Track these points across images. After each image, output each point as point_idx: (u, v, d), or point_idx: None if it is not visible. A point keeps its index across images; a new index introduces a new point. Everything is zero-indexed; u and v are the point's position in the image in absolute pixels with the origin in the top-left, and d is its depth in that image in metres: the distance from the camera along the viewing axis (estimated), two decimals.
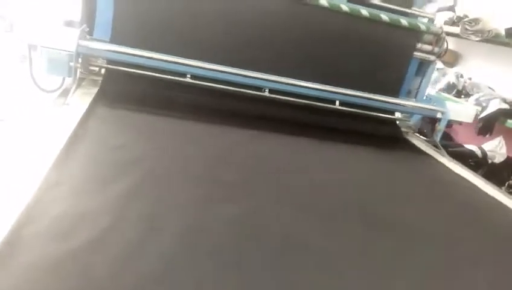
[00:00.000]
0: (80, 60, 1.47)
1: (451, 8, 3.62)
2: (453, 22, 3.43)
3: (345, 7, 1.79)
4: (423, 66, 2.06)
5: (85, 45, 1.46)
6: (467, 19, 3.18)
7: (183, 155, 1.22)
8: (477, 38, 3.09)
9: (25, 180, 0.84)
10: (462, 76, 3.36)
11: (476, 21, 3.07)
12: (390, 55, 1.96)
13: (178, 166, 1.14)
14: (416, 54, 2.00)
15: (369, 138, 1.81)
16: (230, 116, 1.61)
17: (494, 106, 2.84)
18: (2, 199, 0.77)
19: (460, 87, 3.29)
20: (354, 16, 1.81)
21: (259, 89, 1.69)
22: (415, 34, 1.97)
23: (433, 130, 2.71)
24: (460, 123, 2.01)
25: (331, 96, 1.78)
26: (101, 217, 0.80)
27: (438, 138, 1.88)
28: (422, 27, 1.94)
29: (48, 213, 0.77)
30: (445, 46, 2.01)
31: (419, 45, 2.00)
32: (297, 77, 1.74)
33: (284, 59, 1.80)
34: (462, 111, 1.94)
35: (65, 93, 1.48)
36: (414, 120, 2.06)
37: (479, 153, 2.83)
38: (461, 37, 3.27)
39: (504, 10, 3.11)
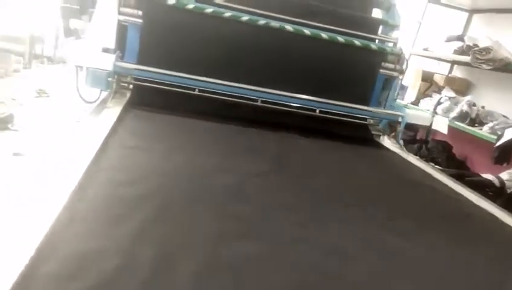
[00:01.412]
0: (115, 77, 1.94)
1: (460, 38, 3.70)
2: (462, 51, 3.44)
3: (324, 35, 2.26)
4: (389, 81, 2.51)
5: (119, 65, 1.93)
6: (477, 48, 3.17)
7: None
8: (489, 67, 3.06)
9: (45, 211, 0.88)
10: (474, 104, 3.34)
11: (486, 50, 3.06)
12: (360, 72, 2.41)
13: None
14: (382, 71, 2.45)
15: (344, 137, 2.23)
16: (234, 120, 2.05)
17: (509, 134, 2.79)
18: (17, 236, 0.78)
19: (473, 116, 3.27)
20: (332, 42, 2.28)
21: (253, 99, 2.14)
22: (380, 54, 2.43)
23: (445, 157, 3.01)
24: (420, 128, 2.42)
25: (313, 104, 2.22)
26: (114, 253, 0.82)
27: (399, 137, 2.30)
28: (386, 49, 2.41)
29: (62, 252, 0.78)
30: (406, 64, 2.47)
31: (384, 64, 2.45)
32: (289, 90, 2.18)
33: (280, 77, 2.24)
34: (418, 115, 2.38)
35: (103, 102, 1.94)
36: (382, 125, 2.48)
37: (496, 182, 2.80)
38: (472, 66, 3.28)
39: None
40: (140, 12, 2.04)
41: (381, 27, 2.59)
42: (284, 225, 1.10)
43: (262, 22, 2.16)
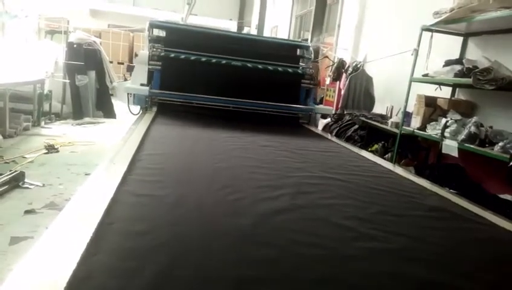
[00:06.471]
0: (149, 98, 3.54)
1: (459, 61, 3.75)
2: (463, 74, 3.43)
3: (269, 68, 3.90)
4: (308, 92, 4.15)
5: (151, 91, 3.54)
6: (477, 70, 3.18)
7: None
8: (492, 87, 3.06)
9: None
10: (482, 125, 3.31)
11: (487, 71, 3.08)
12: (290, 88, 4.05)
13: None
14: (303, 86, 4.10)
15: (284, 125, 3.83)
16: (216, 119, 3.53)
17: None
18: None
19: (482, 137, 3.21)
20: (275, 71, 3.90)
21: (228, 106, 3.72)
22: (302, 76, 4.09)
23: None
24: (326, 116, 4.12)
25: (264, 106, 3.81)
26: None
27: (313, 121, 4.06)
28: (306, 72, 4.10)
29: None
30: (316, 80, 4.14)
31: (304, 81, 4.10)
32: (249, 99, 3.75)
33: (244, 92, 3.79)
34: (323, 108, 4.22)
35: (142, 114, 3.49)
36: (306, 117, 4.15)
37: None
38: (474, 88, 3.29)
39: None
40: (160, 63, 3.69)
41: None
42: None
43: (228, 61, 3.80)
